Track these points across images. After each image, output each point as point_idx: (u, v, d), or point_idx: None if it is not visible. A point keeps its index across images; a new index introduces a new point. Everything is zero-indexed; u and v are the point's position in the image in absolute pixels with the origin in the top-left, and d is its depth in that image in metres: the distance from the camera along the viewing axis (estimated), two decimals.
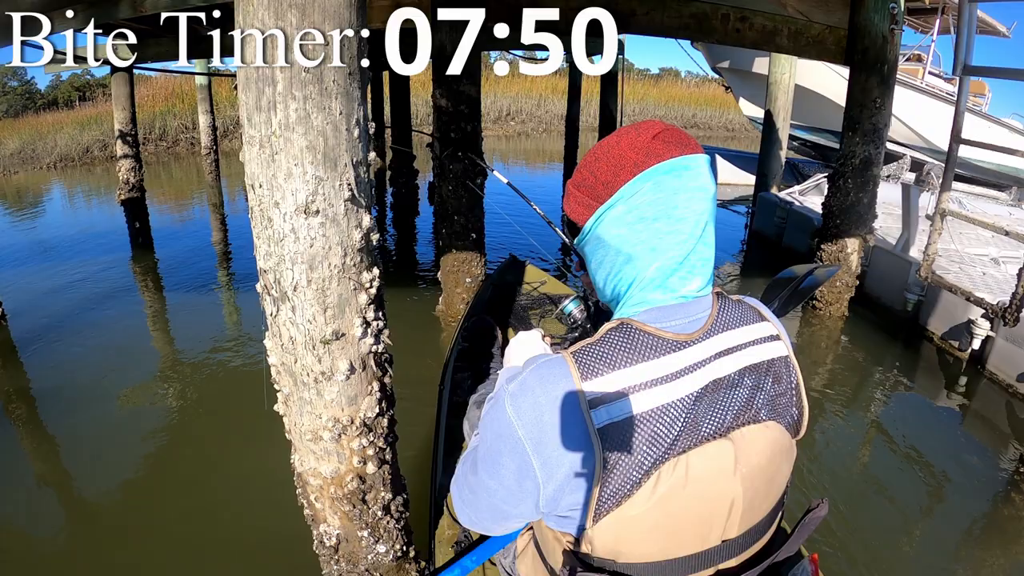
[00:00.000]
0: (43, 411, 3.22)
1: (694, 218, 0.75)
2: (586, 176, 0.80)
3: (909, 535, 2.31)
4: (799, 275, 1.58)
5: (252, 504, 2.36)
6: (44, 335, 4.04)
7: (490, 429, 0.77)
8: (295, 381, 1.30)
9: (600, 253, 0.80)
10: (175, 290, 5.08)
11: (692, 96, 22.51)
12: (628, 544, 0.74)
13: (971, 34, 3.53)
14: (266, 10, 1.01)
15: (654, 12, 3.89)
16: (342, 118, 1.10)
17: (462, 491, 0.86)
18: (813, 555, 0.90)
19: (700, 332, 0.76)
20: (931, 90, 7.74)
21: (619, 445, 0.70)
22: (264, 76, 1.04)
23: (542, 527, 0.85)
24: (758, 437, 0.77)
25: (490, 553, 1.28)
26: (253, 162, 1.12)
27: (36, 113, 16.13)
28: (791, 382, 0.82)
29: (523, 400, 0.73)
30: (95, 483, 2.57)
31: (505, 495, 0.77)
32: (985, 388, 3.42)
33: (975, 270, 4.25)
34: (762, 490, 0.78)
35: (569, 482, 0.72)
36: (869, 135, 3.96)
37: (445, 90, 3.53)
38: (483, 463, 0.79)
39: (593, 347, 0.73)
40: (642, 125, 0.78)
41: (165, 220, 7.74)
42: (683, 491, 0.72)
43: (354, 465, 1.38)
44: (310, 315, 1.20)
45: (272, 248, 1.16)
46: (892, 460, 2.83)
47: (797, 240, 5.76)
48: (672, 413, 0.72)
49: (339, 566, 1.53)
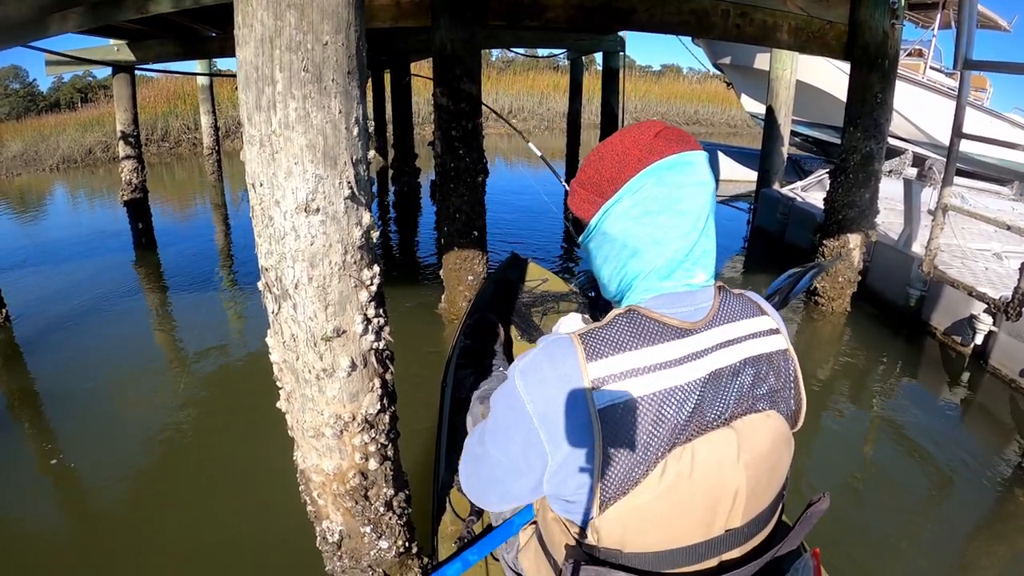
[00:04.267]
0: (46, 411, 3.25)
1: (696, 212, 0.78)
2: (591, 174, 0.83)
3: (911, 530, 2.31)
4: (797, 274, 1.60)
5: (255, 501, 2.38)
6: (48, 336, 4.06)
7: (501, 403, 0.80)
8: (297, 378, 1.31)
9: (606, 248, 0.83)
10: (178, 290, 5.10)
11: (694, 92, 22.50)
12: (635, 533, 0.75)
13: (972, 28, 3.52)
14: (265, 10, 1.01)
15: (654, 9, 3.88)
16: (341, 117, 1.10)
17: (468, 463, 0.89)
18: (815, 550, 0.90)
19: (704, 321, 0.78)
20: (933, 85, 7.71)
21: (621, 426, 0.72)
22: (263, 76, 1.05)
23: (547, 519, 0.87)
24: (760, 426, 0.79)
25: (492, 547, 1.28)
26: (253, 161, 1.13)
27: (38, 115, 16.23)
28: (790, 375, 0.84)
29: (532, 376, 0.75)
30: (99, 481, 2.59)
31: (510, 467, 0.79)
32: (988, 383, 3.42)
33: (978, 265, 4.24)
34: (764, 479, 0.80)
35: (573, 459, 0.74)
36: (870, 131, 3.96)
37: (446, 88, 3.54)
38: (491, 435, 0.82)
39: (600, 330, 0.76)
40: (644, 124, 0.81)
41: (168, 220, 7.77)
42: (689, 479, 0.74)
43: (356, 461, 1.39)
44: (311, 312, 1.21)
45: (273, 246, 1.17)
46: (894, 455, 2.83)
47: (799, 236, 5.74)
48: (677, 397, 0.73)
49: (342, 562, 1.54)
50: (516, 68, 21.82)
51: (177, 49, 5.75)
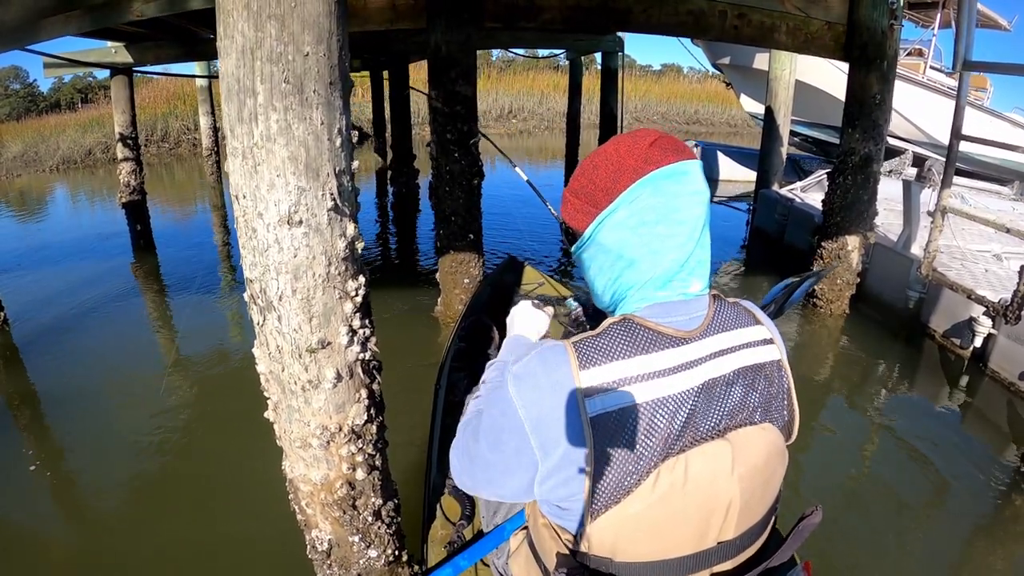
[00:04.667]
0: (45, 413, 3.25)
1: (692, 222, 0.77)
2: (584, 183, 0.82)
3: (908, 535, 2.30)
4: (793, 284, 1.60)
5: (251, 506, 2.37)
6: (46, 337, 4.06)
7: (494, 406, 0.80)
8: (283, 389, 1.30)
9: (600, 258, 0.82)
10: (176, 292, 5.10)
11: (694, 92, 22.46)
12: (626, 543, 0.75)
13: (971, 29, 3.50)
14: (245, 21, 1.00)
15: (651, 10, 3.87)
16: (323, 128, 1.09)
17: (462, 458, 0.89)
18: (806, 563, 0.90)
19: (699, 330, 0.78)
20: (932, 85, 7.69)
21: (614, 434, 0.71)
22: (245, 87, 1.04)
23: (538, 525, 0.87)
24: (755, 439, 0.78)
25: (483, 553, 1.28)
26: (236, 173, 1.12)
27: (38, 116, 16.25)
28: (783, 386, 0.83)
29: (525, 382, 0.75)
30: (95, 484, 2.59)
31: (503, 468, 0.80)
32: (987, 386, 3.40)
33: (977, 267, 4.22)
34: (758, 492, 0.79)
35: (564, 467, 0.73)
36: (869, 131, 3.94)
37: (441, 91, 3.53)
38: (484, 436, 0.82)
39: (594, 339, 0.76)
40: (638, 133, 0.81)
41: (167, 222, 7.77)
42: (682, 490, 0.73)
43: (343, 471, 1.38)
44: (296, 324, 1.20)
45: (257, 258, 1.16)
46: (892, 458, 2.82)
47: (798, 237, 5.72)
48: (670, 407, 0.73)
49: (332, 570, 1.54)
50: (516, 68, 21.81)
51: (175, 51, 5.74)
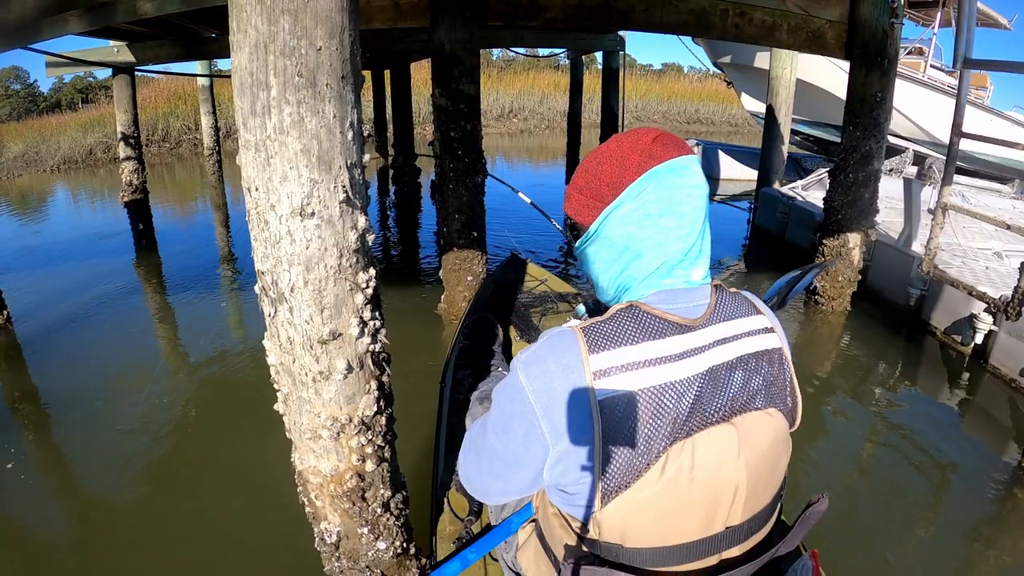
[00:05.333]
0: (48, 412, 3.25)
1: (694, 214, 0.80)
2: (589, 179, 0.84)
3: (911, 531, 2.31)
4: (795, 277, 1.61)
5: (255, 501, 2.38)
6: (49, 337, 4.07)
7: (503, 395, 0.82)
8: (294, 381, 1.31)
9: (606, 252, 0.84)
10: (179, 291, 5.11)
11: (695, 91, 22.48)
12: (636, 528, 0.76)
13: (971, 27, 3.51)
14: (259, 16, 1.02)
15: (653, 9, 3.88)
16: (336, 121, 1.11)
17: (469, 455, 0.91)
18: (813, 551, 0.91)
19: (702, 318, 0.80)
20: (933, 83, 7.69)
21: (622, 418, 0.73)
22: (258, 81, 1.06)
23: (548, 515, 0.88)
24: (760, 423, 0.80)
25: (491, 546, 1.29)
26: (249, 166, 1.13)
27: (39, 116, 16.26)
28: (784, 373, 0.85)
29: (535, 367, 0.77)
30: (99, 481, 2.60)
31: (510, 459, 0.81)
32: (988, 383, 3.41)
33: (978, 264, 4.24)
34: (764, 476, 0.81)
35: (574, 450, 0.75)
36: (870, 130, 3.95)
37: (444, 89, 3.54)
38: (493, 427, 0.83)
39: (602, 324, 0.77)
40: (640, 131, 0.84)
41: (169, 221, 7.78)
42: (690, 474, 0.75)
43: (353, 463, 1.40)
44: (307, 316, 1.21)
45: (269, 250, 1.18)
46: (894, 455, 2.83)
47: (799, 235, 5.74)
48: (676, 391, 0.75)
49: (340, 563, 1.55)
50: (517, 67, 21.83)
51: (177, 50, 5.76)
